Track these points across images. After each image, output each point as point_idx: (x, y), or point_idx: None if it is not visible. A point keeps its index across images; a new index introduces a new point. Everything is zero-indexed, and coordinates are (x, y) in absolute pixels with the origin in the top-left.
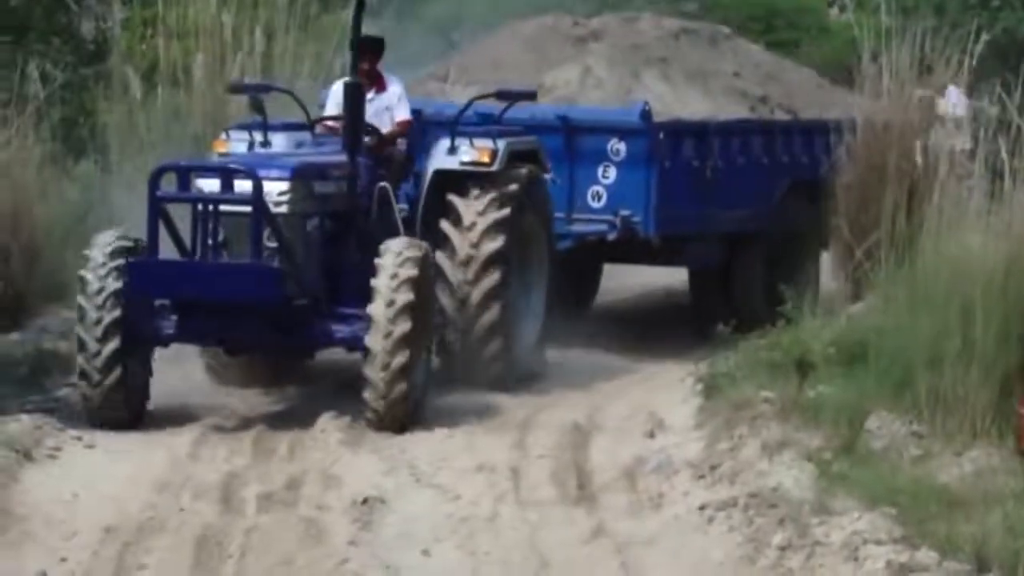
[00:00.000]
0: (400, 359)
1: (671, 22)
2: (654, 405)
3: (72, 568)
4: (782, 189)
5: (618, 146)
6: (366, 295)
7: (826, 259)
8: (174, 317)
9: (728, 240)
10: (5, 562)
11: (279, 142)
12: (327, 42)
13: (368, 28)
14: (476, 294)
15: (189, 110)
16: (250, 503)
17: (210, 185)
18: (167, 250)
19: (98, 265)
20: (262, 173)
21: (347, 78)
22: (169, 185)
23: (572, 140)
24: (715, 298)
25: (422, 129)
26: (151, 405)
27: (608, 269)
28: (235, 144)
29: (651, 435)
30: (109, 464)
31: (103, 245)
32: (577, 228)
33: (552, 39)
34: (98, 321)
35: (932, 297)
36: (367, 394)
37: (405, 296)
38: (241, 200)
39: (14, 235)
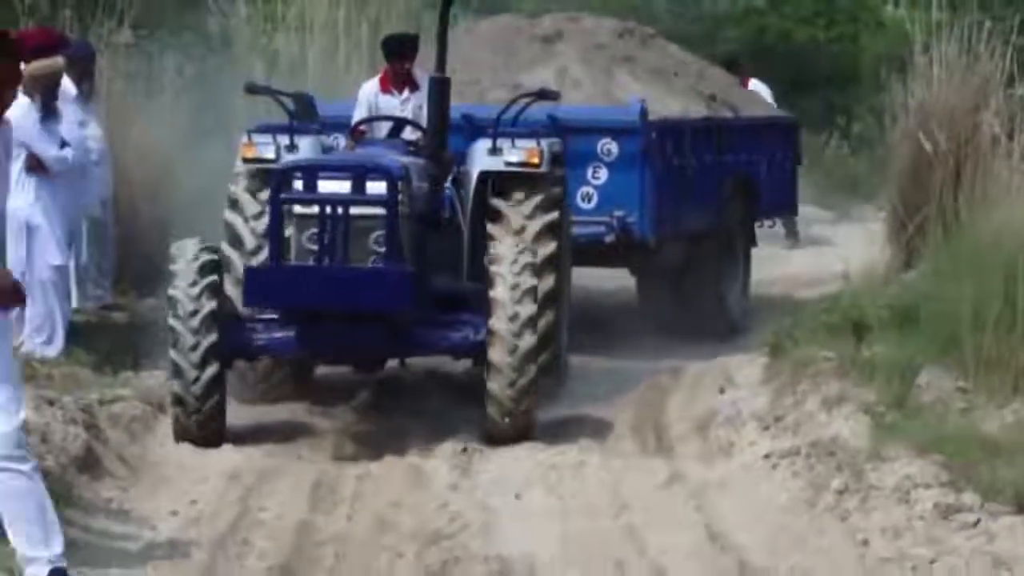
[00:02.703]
0: (528, 342)
1: (609, 22)
2: (724, 364)
3: (201, 509)
4: (729, 186)
5: (610, 146)
6: (450, 299)
7: (877, 230)
8: (272, 328)
9: (687, 240)
10: (142, 503)
11: (305, 146)
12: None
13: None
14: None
15: None
16: (361, 453)
17: (334, 187)
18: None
19: (188, 284)
20: (397, 173)
21: (373, 80)
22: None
23: (562, 140)
24: (666, 299)
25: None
26: None
27: None
28: (262, 148)
29: (722, 391)
30: (234, 416)
31: (189, 259)
32: (572, 230)
33: (516, 39)
34: (195, 347)
35: (976, 265)
36: (493, 384)
37: (528, 280)
38: (375, 201)
39: (151, 210)
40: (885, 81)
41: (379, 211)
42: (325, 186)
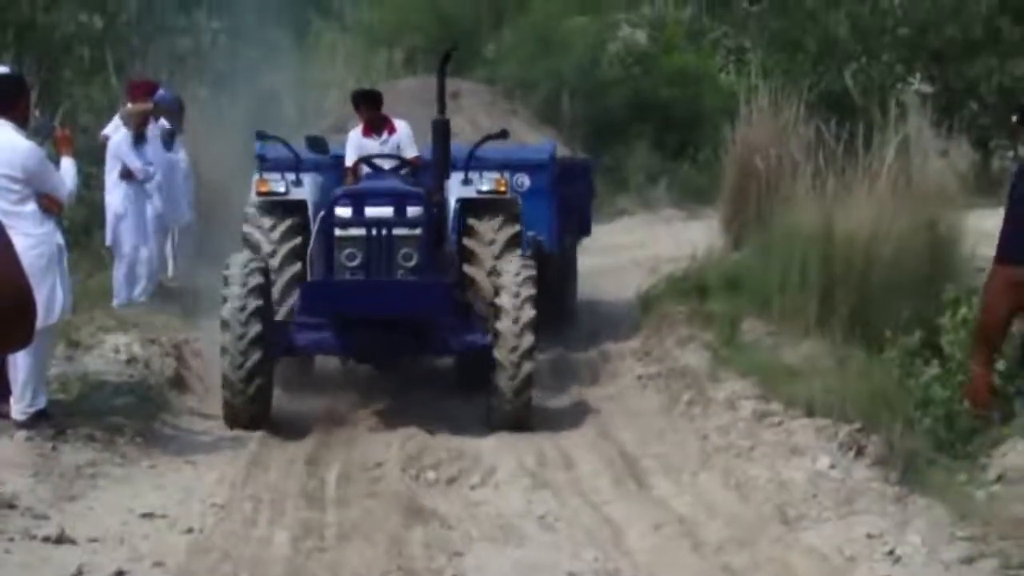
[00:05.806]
0: (527, 341)
1: (483, 86)
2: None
3: None
4: (572, 213)
5: (523, 179)
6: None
7: (714, 225)
8: (311, 330)
9: (563, 253)
10: (214, 410)
11: (308, 181)
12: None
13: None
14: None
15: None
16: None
17: (378, 211)
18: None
19: (238, 284)
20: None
21: (357, 128)
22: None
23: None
24: (546, 295)
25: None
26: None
27: None
28: (273, 184)
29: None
30: None
31: (239, 266)
32: None
33: (429, 95)
34: (242, 336)
35: (781, 248)
36: (498, 378)
37: (528, 290)
38: (414, 223)
39: (222, 209)
40: (721, 124)
41: (415, 231)
42: (371, 211)
